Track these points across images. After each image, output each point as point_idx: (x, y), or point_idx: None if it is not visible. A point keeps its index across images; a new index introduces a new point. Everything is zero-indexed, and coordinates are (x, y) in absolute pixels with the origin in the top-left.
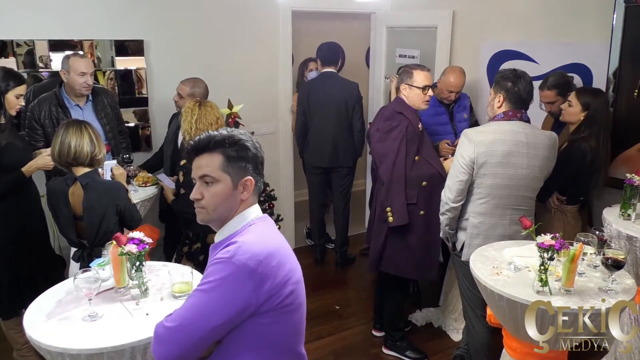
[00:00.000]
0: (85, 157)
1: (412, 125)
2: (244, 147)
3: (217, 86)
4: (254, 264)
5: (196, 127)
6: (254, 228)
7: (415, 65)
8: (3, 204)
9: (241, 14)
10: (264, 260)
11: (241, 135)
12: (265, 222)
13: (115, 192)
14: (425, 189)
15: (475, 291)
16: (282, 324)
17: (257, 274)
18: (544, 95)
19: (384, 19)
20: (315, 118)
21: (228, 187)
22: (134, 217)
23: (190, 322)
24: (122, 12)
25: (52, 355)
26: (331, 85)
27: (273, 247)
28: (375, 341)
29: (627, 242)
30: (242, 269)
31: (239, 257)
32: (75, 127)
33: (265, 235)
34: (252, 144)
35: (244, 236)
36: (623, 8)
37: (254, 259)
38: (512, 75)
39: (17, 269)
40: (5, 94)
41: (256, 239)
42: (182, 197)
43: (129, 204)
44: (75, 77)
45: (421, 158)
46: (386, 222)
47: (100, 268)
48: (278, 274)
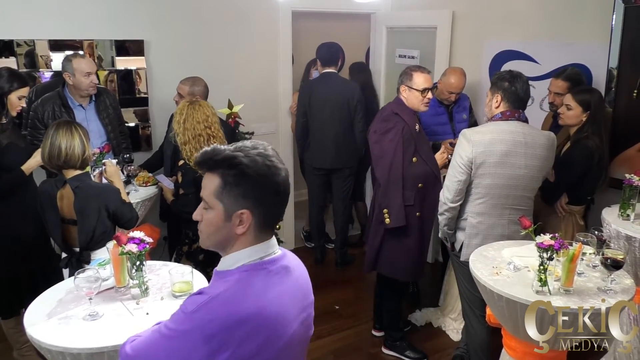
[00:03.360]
0: (76, 159)
1: (409, 127)
2: (242, 174)
3: (217, 86)
4: (214, 329)
5: (184, 127)
6: (244, 277)
7: (416, 67)
8: (3, 203)
9: (241, 14)
10: (228, 328)
11: (248, 156)
12: (263, 273)
13: (106, 194)
14: (421, 190)
15: (475, 291)
16: None
17: (215, 341)
18: (557, 84)
19: (383, 19)
20: (316, 119)
21: (220, 217)
22: (126, 216)
23: (146, 357)
24: (123, 12)
25: (52, 354)
26: (332, 85)
27: (250, 312)
28: (375, 341)
29: (626, 242)
30: (200, 331)
31: (201, 315)
32: (66, 129)
33: (251, 292)
34: (257, 169)
35: (224, 287)
36: (622, 9)
37: (216, 323)
38: (509, 75)
39: (16, 269)
40: (8, 95)
41: (234, 296)
42: (181, 197)
43: (121, 204)
44: (81, 79)
45: (419, 159)
46: (383, 224)
47: (100, 267)
48: (243, 345)
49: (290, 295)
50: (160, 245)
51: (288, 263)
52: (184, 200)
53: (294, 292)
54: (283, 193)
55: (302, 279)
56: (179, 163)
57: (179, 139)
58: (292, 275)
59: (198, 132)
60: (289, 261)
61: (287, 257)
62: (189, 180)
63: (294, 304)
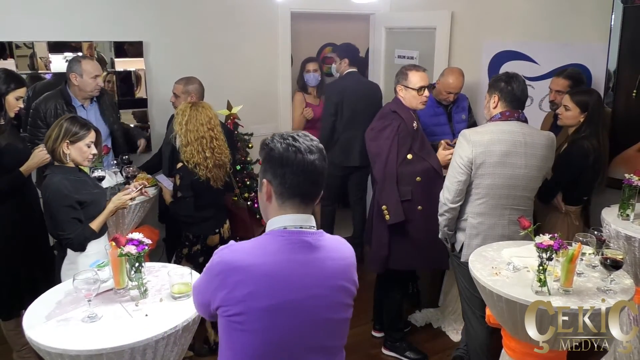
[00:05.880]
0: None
1: (405, 124)
2: (263, 146)
3: (216, 87)
4: (218, 269)
5: (186, 128)
6: (263, 238)
7: (411, 66)
8: (2, 204)
9: (240, 15)
10: (225, 271)
11: (273, 140)
12: (280, 239)
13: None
14: (421, 184)
15: (474, 292)
16: (234, 340)
17: (218, 278)
18: (558, 82)
19: (383, 20)
20: (347, 117)
21: (260, 190)
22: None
23: (195, 287)
24: (122, 13)
25: (51, 356)
26: (360, 84)
27: (245, 264)
28: (375, 342)
29: (626, 242)
30: (214, 267)
31: (218, 255)
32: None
33: (256, 250)
34: (277, 150)
35: (248, 241)
36: (621, 9)
37: (220, 265)
38: (505, 76)
39: (16, 270)
40: (6, 96)
41: (244, 249)
42: (179, 200)
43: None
44: (88, 80)
45: (414, 156)
46: (385, 221)
47: (99, 269)
48: (235, 289)
49: (302, 267)
50: (159, 247)
51: (314, 241)
52: (182, 204)
53: (309, 267)
54: (303, 172)
55: (331, 262)
56: (177, 165)
57: (180, 140)
58: (314, 253)
59: (201, 134)
60: (318, 240)
61: (318, 237)
62: (187, 184)
63: (304, 276)
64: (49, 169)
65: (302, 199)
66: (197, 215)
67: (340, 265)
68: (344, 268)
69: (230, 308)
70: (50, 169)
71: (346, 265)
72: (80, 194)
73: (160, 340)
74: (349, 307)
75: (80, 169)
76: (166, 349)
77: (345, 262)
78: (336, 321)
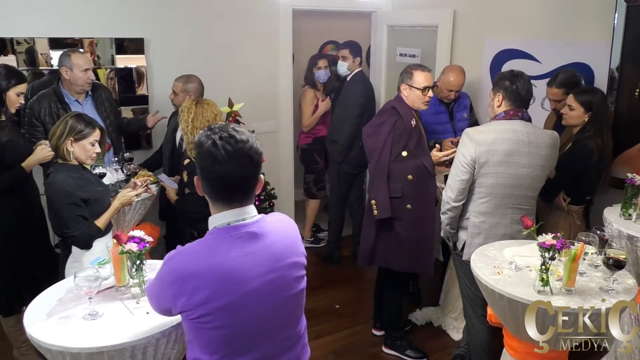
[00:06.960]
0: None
1: (402, 121)
2: (197, 152)
3: (217, 85)
4: (171, 279)
5: (193, 125)
6: (209, 239)
7: (416, 66)
8: (3, 201)
9: (242, 12)
10: (179, 279)
11: (202, 135)
12: (226, 237)
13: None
14: (412, 183)
15: (476, 290)
16: (201, 336)
17: (173, 287)
18: (552, 92)
19: (384, 18)
20: (369, 114)
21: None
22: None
23: (149, 293)
24: (123, 10)
25: (52, 353)
26: (369, 83)
27: (198, 269)
28: (375, 340)
29: (628, 242)
30: (164, 278)
31: (169, 264)
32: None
33: (206, 252)
34: (203, 148)
35: (195, 245)
36: (624, 7)
37: (172, 275)
38: (510, 74)
39: (17, 267)
40: (7, 92)
41: (194, 253)
42: (187, 196)
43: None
44: (79, 74)
45: (409, 153)
46: (373, 216)
47: (100, 266)
48: (194, 294)
49: (252, 258)
50: (160, 244)
51: (258, 230)
52: (190, 200)
53: (259, 256)
54: (221, 180)
55: (277, 244)
56: (184, 162)
57: (187, 137)
58: (260, 240)
59: None
60: (260, 228)
61: (260, 224)
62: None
63: (256, 265)
64: (52, 166)
65: (235, 198)
66: (205, 211)
67: (287, 244)
68: (291, 245)
69: (193, 312)
70: (53, 166)
71: (292, 241)
72: (84, 192)
73: (161, 338)
74: (302, 278)
75: (84, 166)
76: (167, 347)
77: (290, 239)
78: (294, 295)
